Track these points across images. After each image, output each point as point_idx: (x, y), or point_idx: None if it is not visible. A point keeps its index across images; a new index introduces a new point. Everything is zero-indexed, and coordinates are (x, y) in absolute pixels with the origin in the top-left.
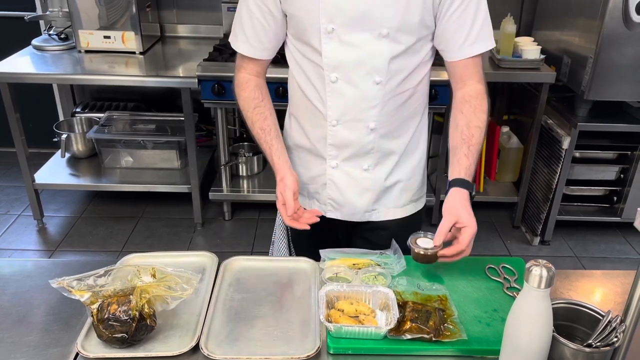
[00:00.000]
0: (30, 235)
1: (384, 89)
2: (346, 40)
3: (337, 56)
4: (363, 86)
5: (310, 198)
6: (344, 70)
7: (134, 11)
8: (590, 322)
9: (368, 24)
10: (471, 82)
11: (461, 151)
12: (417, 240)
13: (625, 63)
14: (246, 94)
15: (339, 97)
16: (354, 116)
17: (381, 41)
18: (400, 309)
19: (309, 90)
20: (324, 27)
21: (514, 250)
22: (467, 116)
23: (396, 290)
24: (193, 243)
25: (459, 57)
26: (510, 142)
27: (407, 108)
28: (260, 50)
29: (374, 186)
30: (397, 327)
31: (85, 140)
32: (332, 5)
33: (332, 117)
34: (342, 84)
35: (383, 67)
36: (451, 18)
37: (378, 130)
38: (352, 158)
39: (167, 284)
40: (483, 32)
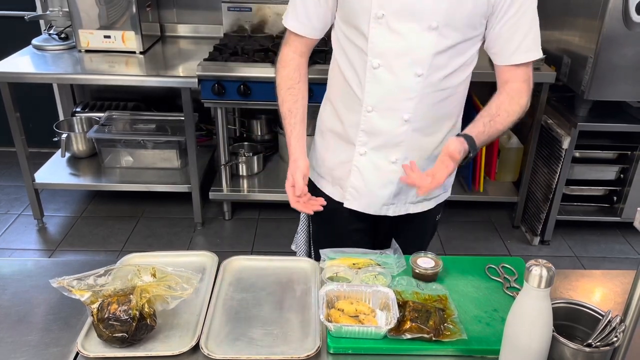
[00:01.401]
0: (30, 234)
1: (424, 83)
2: (394, 28)
3: (383, 43)
4: (403, 76)
5: (333, 184)
6: (387, 57)
7: (134, 11)
8: (590, 322)
9: (418, 15)
10: (516, 82)
11: (481, 120)
12: (417, 260)
13: (625, 63)
14: (285, 72)
15: (378, 84)
16: (390, 105)
17: (429, 34)
18: (400, 308)
19: (350, 74)
20: (374, 12)
21: (514, 250)
22: (501, 100)
23: (396, 290)
24: (193, 243)
25: (510, 62)
26: (510, 142)
27: (443, 107)
28: (309, 29)
29: (398, 180)
30: (397, 326)
31: (85, 139)
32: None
33: (368, 103)
34: (383, 71)
35: (426, 60)
36: (507, 24)
37: (412, 122)
38: (381, 148)
39: (167, 284)
40: (536, 41)
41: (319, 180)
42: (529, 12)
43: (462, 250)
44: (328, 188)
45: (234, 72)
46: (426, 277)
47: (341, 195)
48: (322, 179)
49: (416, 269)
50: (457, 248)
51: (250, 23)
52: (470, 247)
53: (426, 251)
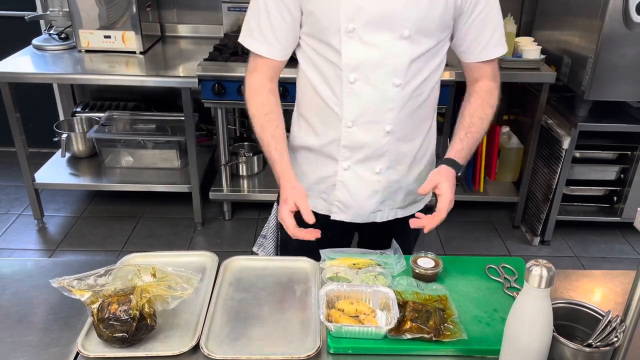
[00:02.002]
0: (31, 234)
1: (403, 92)
2: (367, 41)
3: (357, 56)
4: (382, 88)
5: (315, 198)
6: (363, 71)
7: (134, 11)
8: (590, 322)
9: (390, 25)
10: (485, 79)
11: (458, 136)
12: (417, 260)
13: (626, 63)
14: (259, 99)
15: (356, 98)
16: (371, 118)
17: (402, 42)
18: (400, 308)
19: (324, 91)
20: (344, 26)
21: (514, 250)
22: (473, 106)
23: (396, 290)
24: (193, 243)
25: (479, 59)
26: (511, 142)
27: (421, 111)
28: (279, 51)
29: (383, 189)
30: (397, 326)
31: (85, 139)
32: (353, 4)
33: (348, 119)
34: (361, 85)
35: (403, 69)
36: (474, 23)
37: (394, 133)
38: (365, 160)
39: (167, 284)
40: (502, 37)
41: None
42: (494, 9)
43: (462, 250)
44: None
45: (234, 72)
46: (426, 277)
47: (326, 207)
48: None
49: (416, 269)
50: (457, 248)
51: None
52: (471, 247)
53: (426, 251)
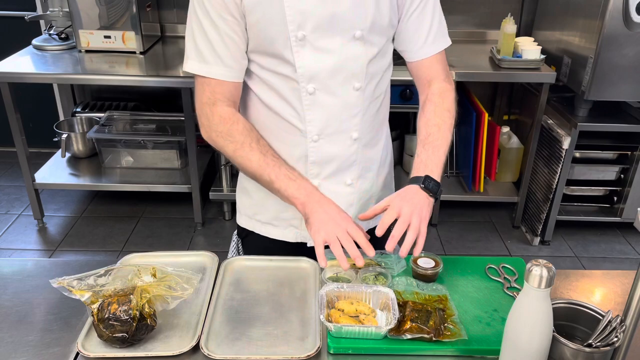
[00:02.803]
0: (31, 234)
1: (364, 95)
2: (319, 46)
3: (312, 65)
4: (343, 94)
5: (284, 227)
6: (321, 79)
7: (134, 11)
8: (590, 322)
9: (340, 27)
10: (436, 81)
11: (416, 152)
12: (417, 260)
13: (626, 63)
14: (241, 126)
15: (318, 109)
16: (337, 127)
17: (355, 44)
18: (400, 308)
19: (281, 108)
20: (294, 34)
21: (514, 250)
22: (427, 115)
23: (396, 290)
24: (193, 243)
25: (422, 56)
26: (511, 142)
27: (380, 114)
28: (237, 72)
29: (357, 200)
30: (397, 327)
31: (85, 140)
32: (298, 10)
33: (313, 132)
34: (321, 94)
35: (361, 71)
36: (411, 18)
37: (360, 139)
38: (335, 174)
39: (167, 284)
40: (441, 30)
41: (264, 228)
42: (430, 1)
43: (462, 250)
44: (277, 233)
45: None
46: (426, 277)
47: (297, 235)
48: (268, 225)
49: (416, 269)
50: (457, 248)
51: None
52: (471, 247)
53: (426, 251)
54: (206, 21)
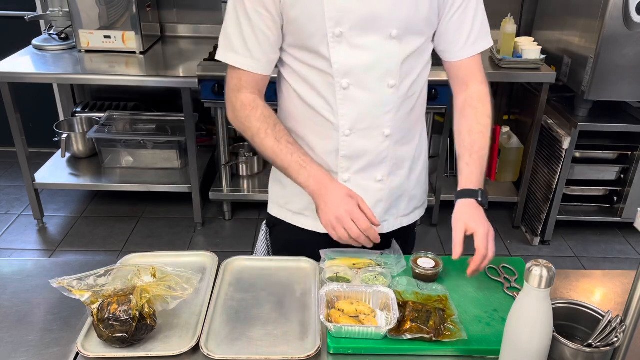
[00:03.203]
0: (31, 235)
1: (398, 92)
2: (355, 43)
3: (348, 61)
4: (377, 91)
5: (315, 218)
6: (355, 75)
7: (134, 11)
8: (590, 322)
9: (377, 25)
10: (474, 83)
11: (463, 160)
12: (417, 260)
13: (626, 63)
14: (259, 112)
15: (351, 105)
16: (369, 123)
17: (391, 42)
18: (400, 308)
19: (315, 101)
20: (331, 31)
21: (514, 250)
22: (469, 122)
23: (396, 290)
24: (193, 243)
25: (461, 56)
26: (511, 142)
27: (415, 112)
28: (265, 65)
29: (387, 197)
30: (397, 327)
31: (85, 140)
32: (338, 8)
33: (345, 127)
34: (355, 90)
35: (396, 70)
36: (453, 17)
37: (392, 136)
38: (365, 169)
39: (167, 284)
40: (483, 31)
41: (295, 218)
42: (473, 2)
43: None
44: (308, 223)
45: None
46: (426, 277)
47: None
48: (300, 215)
49: (416, 269)
50: None
51: None
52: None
53: (426, 251)
54: (242, 13)
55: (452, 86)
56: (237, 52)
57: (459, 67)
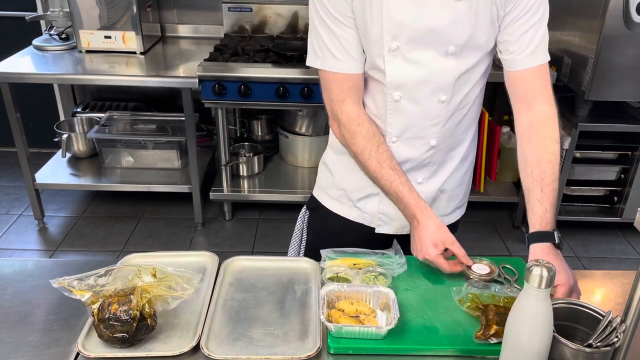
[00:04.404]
0: (31, 235)
1: (448, 107)
2: (410, 58)
3: (402, 75)
4: (427, 105)
5: (349, 207)
6: (407, 88)
7: (134, 11)
8: (590, 322)
9: (434, 42)
10: (538, 102)
11: (534, 196)
12: (471, 265)
13: (626, 63)
14: (365, 130)
15: (400, 115)
16: (416, 133)
17: (447, 59)
18: (482, 312)
19: (369, 105)
20: (388, 44)
21: (514, 250)
22: (537, 149)
23: (473, 293)
24: (193, 243)
25: (521, 66)
26: (511, 142)
27: (464, 121)
28: (362, 64)
29: (426, 197)
30: (483, 331)
31: (85, 140)
32: (396, 22)
33: (392, 134)
34: (405, 102)
35: (449, 86)
36: (517, 24)
37: (439, 145)
38: (408, 172)
39: (167, 284)
40: (543, 44)
41: (331, 202)
42: (539, 12)
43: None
44: (341, 209)
45: (234, 73)
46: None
47: (358, 216)
48: (335, 201)
49: (471, 275)
50: None
51: (251, 23)
52: (471, 247)
53: (480, 257)
54: (328, 18)
55: (512, 104)
56: (336, 58)
57: (520, 78)
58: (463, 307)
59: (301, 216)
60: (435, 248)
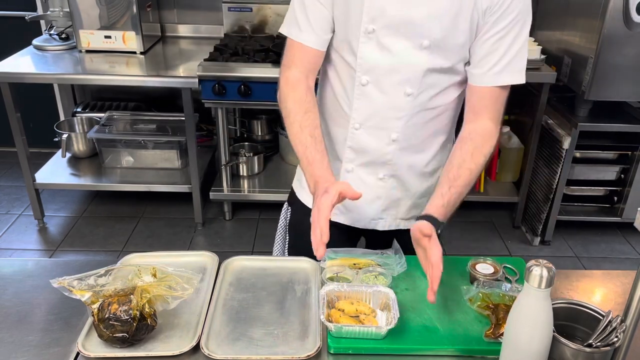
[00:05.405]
0: (31, 235)
1: (414, 102)
2: (384, 44)
3: (372, 59)
4: (393, 95)
5: None
6: (376, 74)
7: (134, 11)
8: (590, 322)
9: (410, 32)
10: (483, 117)
11: (440, 189)
12: (476, 265)
13: (626, 63)
14: (297, 95)
15: (366, 102)
16: (378, 123)
17: (421, 52)
18: (492, 311)
19: (338, 89)
20: (365, 26)
21: (514, 250)
22: (464, 155)
23: (484, 292)
24: (193, 243)
25: (480, 83)
26: (511, 142)
27: (433, 125)
28: (323, 41)
29: (386, 195)
30: (493, 330)
31: (85, 140)
32: (377, 6)
33: (356, 120)
34: (372, 88)
35: (417, 80)
36: (487, 42)
37: (400, 142)
38: (368, 165)
39: (167, 284)
40: (515, 66)
41: (307, 197)
42: (513, 32)
43: (463, 250)
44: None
45: (234, 72)
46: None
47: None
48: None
49: (476, 275)
50: (458, 248)
51: (251, 23)
52: (471, 247)
53: (485, 257)
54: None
55: (465, 114)
56: (300, 28)
57: (476, 93)
58: (473, 306)
59: (283, 212)
60: (327, 194)
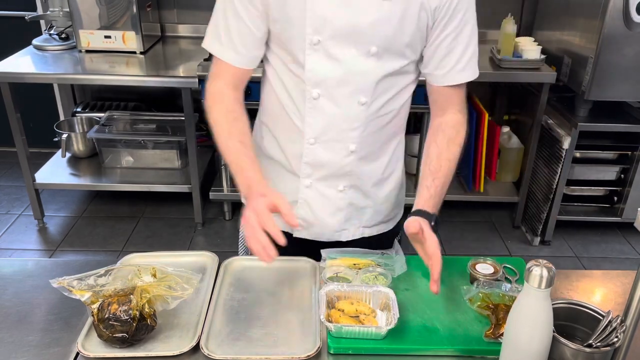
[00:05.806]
0: (31, 235)
1: (368, 111)
2: (332, 54)
3: (321, 71)
4: (346, 106)
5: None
6: (327, 87)
7: (134, 11)
8: (590, 322)
9: (357, 40)
10: (451, 110)
11: (424, 182)
12: (476, 265)
13: (626, 63)
14: (223, 105)
15: (319, 115)
16: (334, 136)
17: (369, 60)
18: (492, 311)
19: (288, 103)
20: (309, 37)
21: (514, 250)
22: (440, 147)
23: (484, 292)
24: (193, 243)
25: (445, 83)
26: (511, 142)
27: (387, 130)
28: (248, 59)
29: (347, 206)
30: (493, 330)
31: (85, 140)
32: (319, 16)
33: (310, 135)
34: (324, 101)
35: (369, 88)
36: (443, 43)
37: (358, 152)
38: (327, 178)
39: (167, 284)
40: (472, 62)
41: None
42: (467, 30)
43: (463, 250)
44: None
45: None
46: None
47: (286, 225)
48: None
49: (476, 275)
50: (458, 248)
51: None
52: (471, 247)
53: (485, 257)
54: (229, 6)
55: (430, 108)
56: (221, 43)
57: (440, 92)
58: (473, 306)
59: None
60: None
